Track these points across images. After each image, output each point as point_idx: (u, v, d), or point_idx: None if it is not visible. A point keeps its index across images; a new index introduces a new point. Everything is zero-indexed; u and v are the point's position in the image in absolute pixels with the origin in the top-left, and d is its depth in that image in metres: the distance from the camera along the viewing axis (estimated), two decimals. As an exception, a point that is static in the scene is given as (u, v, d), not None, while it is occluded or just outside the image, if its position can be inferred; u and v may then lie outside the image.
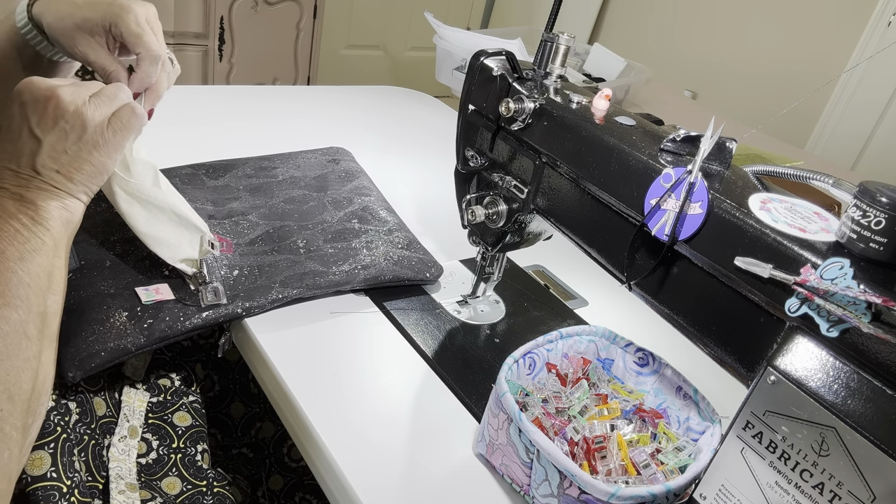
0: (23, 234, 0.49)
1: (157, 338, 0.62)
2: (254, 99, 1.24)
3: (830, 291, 0.39)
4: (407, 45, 3.01)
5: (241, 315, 0.66)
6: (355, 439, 0.58)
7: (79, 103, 0.52)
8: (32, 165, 0.51)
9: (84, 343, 0.60)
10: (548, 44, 0.64)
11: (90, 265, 0.68)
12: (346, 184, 0.93)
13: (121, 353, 0.60)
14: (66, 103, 0.52)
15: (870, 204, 0.40)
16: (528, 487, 0.53)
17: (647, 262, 0.54)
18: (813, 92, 2.07)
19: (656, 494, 0.47)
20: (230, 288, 0.68)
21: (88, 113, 0.53)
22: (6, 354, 0.45)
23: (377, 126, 1.23)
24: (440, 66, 1.51)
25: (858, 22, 2.04)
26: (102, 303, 0.63)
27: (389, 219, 0.86)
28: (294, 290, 0.69)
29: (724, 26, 2.38)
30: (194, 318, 0.64)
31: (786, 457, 0.42)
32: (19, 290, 0.47)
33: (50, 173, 0.52)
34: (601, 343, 0.64)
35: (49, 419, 0.56)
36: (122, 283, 0.66)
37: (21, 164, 0.51)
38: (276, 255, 0.74)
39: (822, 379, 0.40)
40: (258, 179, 0.90)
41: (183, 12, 1.98)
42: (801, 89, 2.15)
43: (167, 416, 0.70)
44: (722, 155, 0.51)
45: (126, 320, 0.62)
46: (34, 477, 0.53)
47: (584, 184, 0.58)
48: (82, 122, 0.52)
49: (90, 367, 0.59)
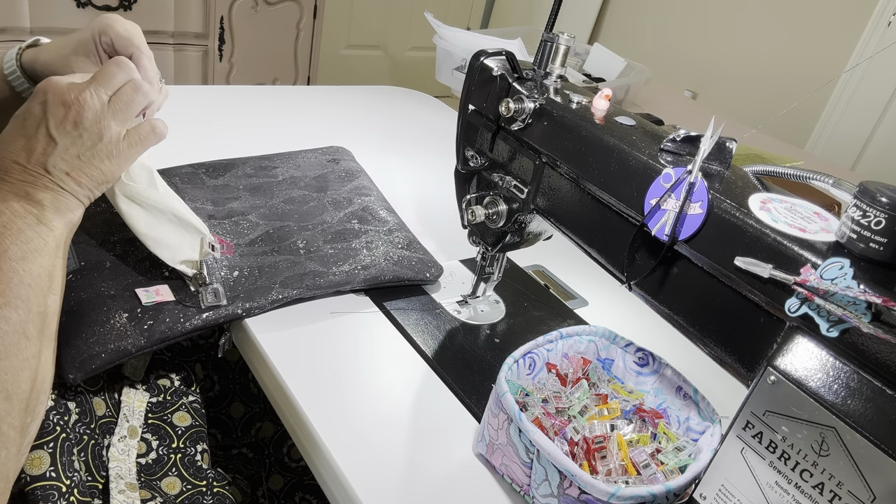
0: (26, 234, 0.49)
1: (158, 339, 0.62)
2: (254, 99, 1.24)
3: (830, 291, 0.39)
4: (407, 45, 3.01)
5: (241, 316, 0.66)
6: (355, 439, 0.58)
7: (99, 114, 0.53)
8: (43, 164, 0.52)
9: (84, 344, 0.60)
10: (548, 44, 0.64)
11: (90, 266, 0.68)
12: (347, 184, 0.93)
13: (121, 355, 0.60)
14: (88, 112, 0.53)
15: (870, 204, 0.40)
16: (528, 487, 0.53)
17: (647, 262, 0.54)
18: (813, 92, 2.07)
19: (656, 494, 0.47)
20: (230, 289, 0.68)
21: (107, 124, 0.54)
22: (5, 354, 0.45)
23: (377, 126, 1.23)
24: (440, 66, 1.51)
25: (858, 22, 2.04)
26: (102, 304, 0.63)
27: (389, 219, 0.86)
28: (294, 290, 0.69)
29: (724, 26, 2.38)
30: (194, 320, 0.64)
31: (786, 457, 0.42)
32: (20, 289, 0.47)
33: (60, 174, 0.52)
34: (601, 343, 0.64)
35: (48, 419, 0.56)
36: (122, 285, 0.66)
37: (31, 161, 0.51)
38: (276, 256, 0.74)
39: (822, 379, 0.40)
40: (258, 179, 0.90)
41: (183, 12, 1.98)
42: (801, 89, 2.15)
43: (167, 416, 0.70)
44: (722, 155, 0.51)
45: (126, 321, 0.62)
46: (33, 476, 0.53)
47: (584, 184, 0.58)
48: (100, 132, 0.54)
49: (90, 369, 0.59)
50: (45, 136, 0.52)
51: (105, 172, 0.55)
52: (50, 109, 0.52)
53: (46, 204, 0.51)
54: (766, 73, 2.27)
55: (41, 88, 0.53)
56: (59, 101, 0.52)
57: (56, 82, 0.53)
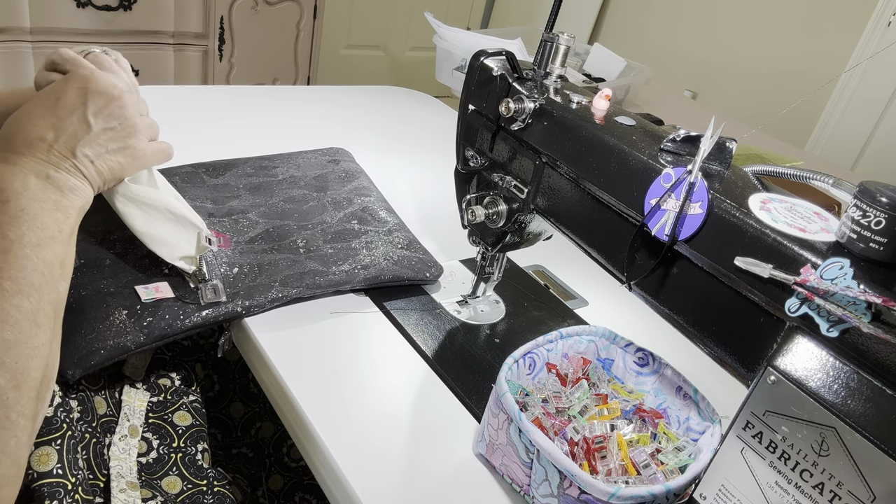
0: (42, 220, 0.49)
1: (157, 336, 0.62)
2: (254, 99, 1.24)
3: (830, 291, 0.39)
4: (407, 45, 3.01)
5: (241, 314, 0.66)
6: (355, 439, 0.58)
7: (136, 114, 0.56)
8: (72, 147, 0.53)
9: (84, 341, 0.60)
10: (548, 44, 0.64)
11: (90, 263, 0.68)
12: (346, 184, 0.93)
13: (120, 351, 0.60)
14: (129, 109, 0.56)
15: (870, 204, 0.40)
16: (528, 487, 0.53)
17: (647, 262, 0.54)
18: (813, 92, 2.07)
19: (656, 494, 0.47)
20: (230, 285, 0.68)
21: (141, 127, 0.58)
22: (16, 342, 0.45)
23: (377, 126, 1.23)
24: (440, 66, 1.51)
25: (858, 22, 2.04)
26: (102, 301, 0.63)
27: (389, 219, 0.86)
28: (294, 289, 0.69)
29: (724, 26, 2.38)
30: (194, 317, 0.64)
31: (786, 457, 0.42)
32: (33, 277, 0.47)
33: (84, 160, 0.54)
34: (601, 343, 0.64)
35: (56, 415, 0.56)
36: (122, 282, 0.66)
37: (59, 141, 0.52)
38: (276, 254, 0.74)
39: (822, 379, 0.40)
40: (258, 178, 0.90)
41: (183, 12, 1.98)
42: (801, 89, 2.15)
43: (167, 415, 0.70)
44: (722, 155, 0.51)
45: (126, 318, 0.62)
46: (40, 473, 0.53)
47: (584, 184, 0.58)
48: (133, 130, 0.57)
49: (89, 365, 0.59)
50: (81, 119, 0.53)
51: (123, 169, 0.58)
52: (91, 97, 0.54)
53: (65, 190, 0.52)
54: (767, 73, 2.27)
55: (79, 76, 0.54)
56: (101, 91, 0.54)
57: (99, 74, 0.55)
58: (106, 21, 1.88)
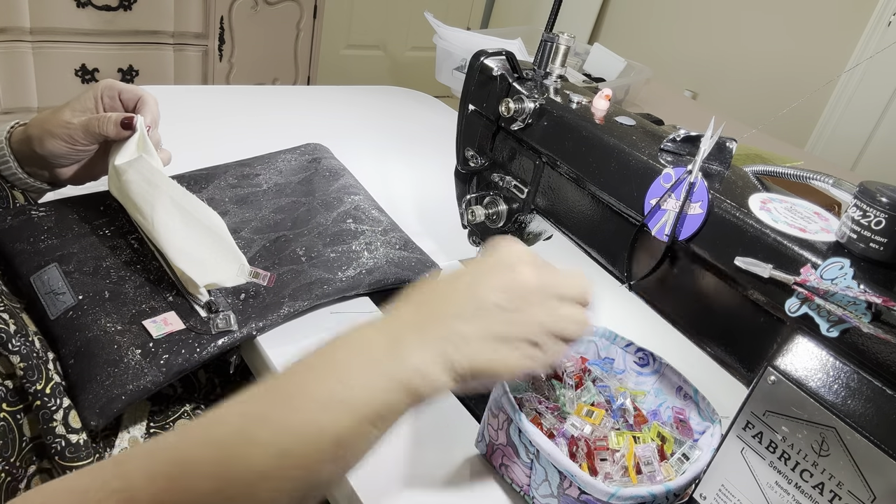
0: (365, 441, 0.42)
1: (176, 372, 0.60)
2: (254, 99, 1.24)
3: (830, 291, 0.39)
4: (407, 45, 3.01)
5: (255, 336, 0.65)
6: (355, 439, 0.58)
7: None
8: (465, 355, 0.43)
9: (101, 388, 0.57)
10: (548, 44, 0.64)
11: (89, 300, 0.64)
12: (333, 183, 0.90)
13: (142, 394, 0.58)
14: None
15: (870, 204, 0.40)
16: (528, 487, 0.53)
17: (647, 262, 0.54)
18: (813, 92, 2.07)
19: (656, 494, 0.47)
20: (240, 312, 0.66)
21: None
22: None
23: (377, 126, 1.23)
24: (440, 66, 1.51)
25: (858, 22, 2.04)
26: (112, 342, 0.61)
27: (382, 218, 0.85)
28: (304, 301, 0.68)
29: (724, 26, 2.38)
30: (210, 347, 0.62)
31: (786, 457, 0.42)
32: None
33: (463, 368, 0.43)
34: (601, 343, 0.64)
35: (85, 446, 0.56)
36: (126, 317, 0.64)
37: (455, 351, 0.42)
38: (279, 269, 0.73)
39: (822, 379, 0.40)
40: (243, 189, 0.87)
41: (183, 12, 1.98)
42: (801, 89, 2.15)
43: (169, 424, 0.70)
44: (722, 155, 0.51)
45: (140, 358, 0.60)
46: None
47: (584, 184, 0.58)
48: None
49: (112, 413, 0.57)
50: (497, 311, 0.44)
51: None
52: None
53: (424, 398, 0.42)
54: (766, 73, 2.27)
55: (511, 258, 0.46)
56: None
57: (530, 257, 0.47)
58: (106, 21, 1.88)
